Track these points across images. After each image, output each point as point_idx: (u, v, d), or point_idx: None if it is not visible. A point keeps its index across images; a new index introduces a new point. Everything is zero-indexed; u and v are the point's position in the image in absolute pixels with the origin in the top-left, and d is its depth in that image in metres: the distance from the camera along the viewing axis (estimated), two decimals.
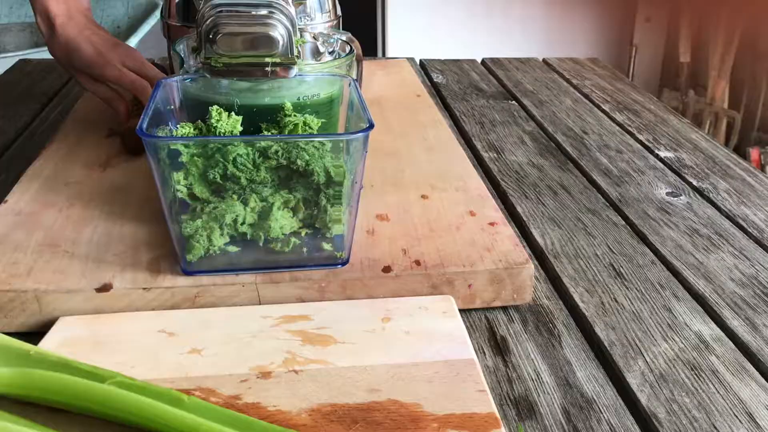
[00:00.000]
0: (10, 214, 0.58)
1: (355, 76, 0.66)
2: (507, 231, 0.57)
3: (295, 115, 0.57)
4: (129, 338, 0.47)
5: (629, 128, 0.90)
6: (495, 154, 0.81)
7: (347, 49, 0.66)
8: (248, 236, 0.53)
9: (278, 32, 0.53)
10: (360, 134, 0.48)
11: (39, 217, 0.58)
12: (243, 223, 0.52)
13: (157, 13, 2.33)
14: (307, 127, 0.57)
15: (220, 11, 0.54)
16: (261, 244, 0.53)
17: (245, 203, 0.52)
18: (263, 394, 0.42)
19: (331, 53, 0.68)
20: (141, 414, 0.36)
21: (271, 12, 0.54)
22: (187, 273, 0.51)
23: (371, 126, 0.48)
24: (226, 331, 0.48)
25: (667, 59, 2.95)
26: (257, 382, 0.43)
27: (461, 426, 0.40)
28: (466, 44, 2.69)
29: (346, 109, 0.59)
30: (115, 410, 0.37)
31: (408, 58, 1.12)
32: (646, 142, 0.86)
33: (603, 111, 0.96)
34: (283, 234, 0.53)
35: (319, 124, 0.57)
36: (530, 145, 0.84)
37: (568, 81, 1.09)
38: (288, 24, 0.54)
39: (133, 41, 2.18)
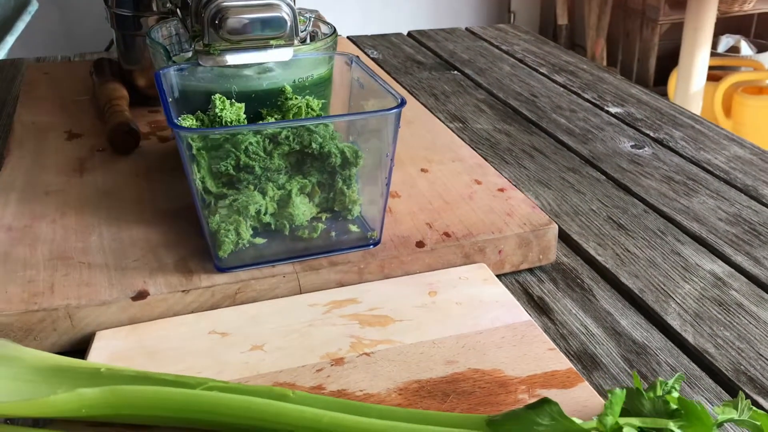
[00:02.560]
0: (1, 230, 0.53)
1: None
2: (519, 195, 0.58)
3: (296, 98, 0.56)
4: (181, 344, 0.45)
5: (573, 88, 0.94)
6: (460, 124, 0.82)
7: (322, 26, 0.65)
8: (272, 226, 0.51)
9: (284, 12, 0.52)
10: (396, 110, 0.48)
11: (34, 230, 0.54)
12: (265, 214, 0.51)
13: (31, 9, 2.19)
14: (309, 110, 0.56)
15: None
16: (287, 233, 0.52)
17: (263, 193, 0.51)
18: (344, 381, 0.42)
19: (302, 31, 0.67)
20: (253, 416, 0.35)
21: None
22: (222, 270, 0.49)
23: (404, 102, 0.48)
24: (280, 323, 0.47)
25: (544, 23, 3.07)
26: (333, 369, 0.43)
27: (547, 384, 0.42)
28: (353, 18, 2.68)
29: (348, 87, 0.58)
30: (224, 416, 0.35)
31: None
32: (593, 100, 0.89)
33: (542, 74, 0.99)
34: (306, 220, 0.52)
35: (320, 105, 0.56)
36: (489, 112, 0.85)
37: (498, 48, 1.11)
38: (291, 3, 0.53)
39: (9, 40, 2.04)
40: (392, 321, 0.47)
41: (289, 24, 0.52)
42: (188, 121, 0.53)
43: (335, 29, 0.63)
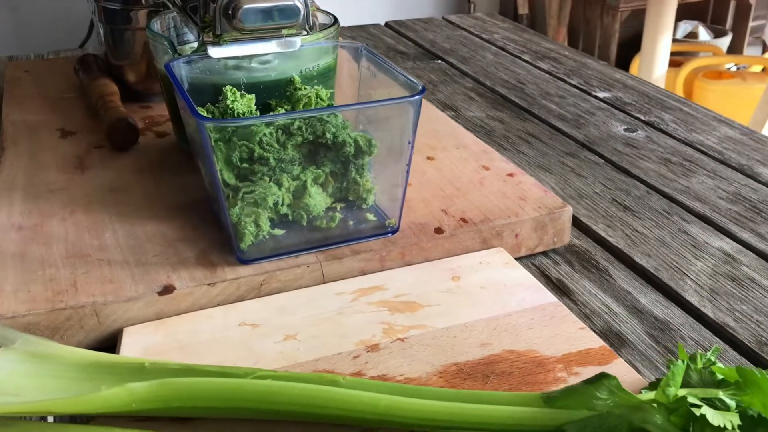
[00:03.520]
0: (11, 230, 0.52)
1: None
2: (529, 180, 0.59)
3: (305, 88, 0.56)
4: (212, 337, 0.44)
5: (558, 75, 0.95)
6: (453, 113, 0.82)
7: (319, 15, 0.65)
8: (290, 217, 0.51)
9: (297, 1, 0.51)
10: (417, 96, 0.48)
11: (45, 228, 0.53)
12: (282, 205, 0.51)
13: None
14: (319, 99, 0.56)
15: None
16: (305, 223, 0.51)
17: (278, 184, 0.50)
18: (383, 366, 0.42)
19: None
20: (310, 402, 0.35)
21: None
22: (244, 262, 0.49)
23: (424, 89, 0.48)
24: (309, 313, 0.46)
25: (504, 12, 3.09)
26: (370, 356, 0.43)
27: (583, 362, 0.42)
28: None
29: (354, 75, 0.58)
30: (279, 404, 0.35)
31: None
32: (580, 86, 0.91)
33: (526, 61, 1.00)
34: (322, 210, 0.52)
35: (329, 95, 0.56)
36: (479, 100, 0.86)
37: (478, 36, 1.12)
38: None
39: None
40: (420, 306, 0.47)
41: (302, 13, 0.52)
42: (201, 113, 0.52)
43: (336, 18, 0.63)
